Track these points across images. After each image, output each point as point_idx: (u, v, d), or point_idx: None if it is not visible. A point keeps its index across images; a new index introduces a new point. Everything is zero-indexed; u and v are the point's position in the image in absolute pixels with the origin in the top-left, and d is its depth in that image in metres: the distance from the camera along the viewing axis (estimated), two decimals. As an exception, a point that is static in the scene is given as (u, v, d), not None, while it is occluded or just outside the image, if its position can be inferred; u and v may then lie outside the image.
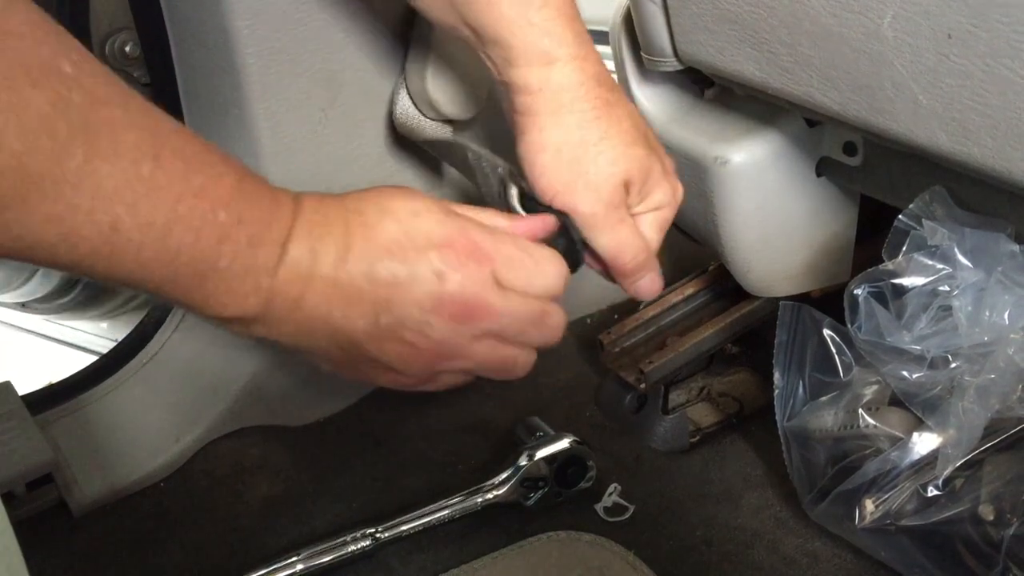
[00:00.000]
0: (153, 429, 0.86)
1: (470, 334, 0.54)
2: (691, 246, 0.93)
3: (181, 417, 0.87)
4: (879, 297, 0.70)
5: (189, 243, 0.45)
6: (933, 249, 0.66)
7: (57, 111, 0.40)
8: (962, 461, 0.69)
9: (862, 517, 0.74)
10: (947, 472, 0.69)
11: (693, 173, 0.80)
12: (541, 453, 0.81)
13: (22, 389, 0.85)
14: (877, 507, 0.73)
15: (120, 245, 0.43)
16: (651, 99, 0.84)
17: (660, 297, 0.94)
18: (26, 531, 0.55)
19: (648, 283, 0.65)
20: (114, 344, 0.91)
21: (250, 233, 0.48)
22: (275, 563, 0.75)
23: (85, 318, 1.26)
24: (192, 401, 0.87)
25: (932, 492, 0.70)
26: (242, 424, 0.91)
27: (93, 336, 1.29)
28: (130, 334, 0.90)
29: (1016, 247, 0.66)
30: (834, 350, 0.77)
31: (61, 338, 1.35)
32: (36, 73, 0.39)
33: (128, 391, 0.83)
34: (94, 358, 0.92)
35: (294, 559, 0.75)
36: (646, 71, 0.83)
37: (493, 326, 0.55)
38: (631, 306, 0.99)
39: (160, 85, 0.83)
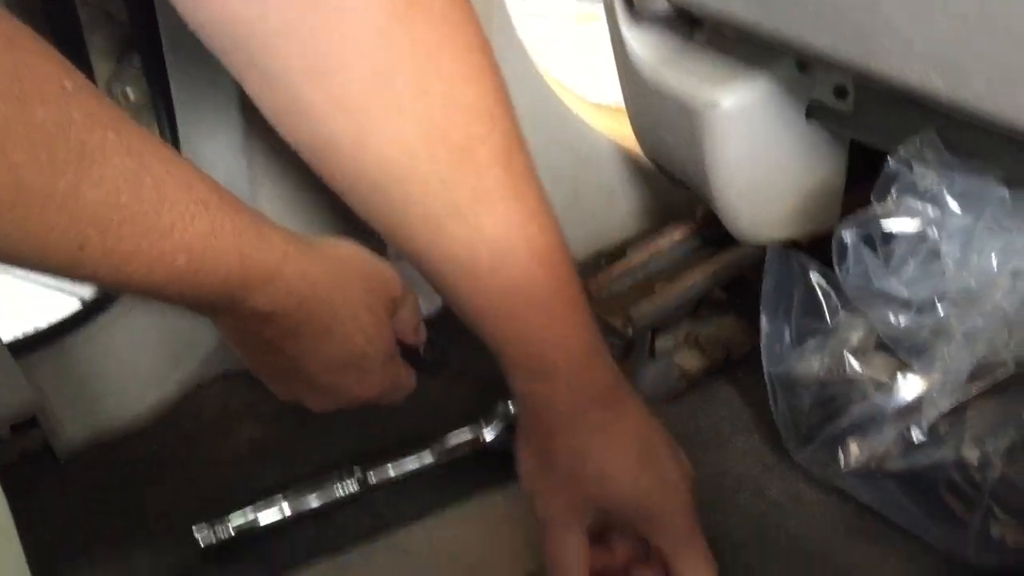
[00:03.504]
0: (138, 373, 0.85)
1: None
2: (679, 191, 0.93)
3: (166, 361, 0.87)
4: (867, 241, 0.69)
5: (141, 276, 0.45)
6: (922, 192, 0.66)
7: (59, 129, 0.40)
8: (947, 406, 0.69)
9: (847, 461, 0.75)
10: (932, 417, 0.70)
11: (682, 117, 0.79)
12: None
13: (5, 334, 0.84)
14: (862, 451, 0.74)
15: (84, 263, 0.43)
16: (640, 41, 0.83)
17: (647, 243, 0.94)
18: (10, 476, 0.55)
19: None
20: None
21: (210, 283, 0.49)
22: (262, 504, 0.75)
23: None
24: (177, 345, 0.87)
25: (916, 436, 0.71)
26: (228, 368, 0.90)
27: (77, 280, 1.28)
28: (114, 278, 0.89)
29: (1006, 192, 0.66)
30: (821, 295, 0.77)
31: (45, 281, 1.34)
32: (44, 89, 0.39)
33: (112, 334, 0.83)
34: (78, 301, 0.91)
35: (281, 500, 0.75)
36: (636, 13, 0.81)
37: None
38: (618, 252, 0.98)
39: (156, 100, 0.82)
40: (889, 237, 0.69)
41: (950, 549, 0.72)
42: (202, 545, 0.73)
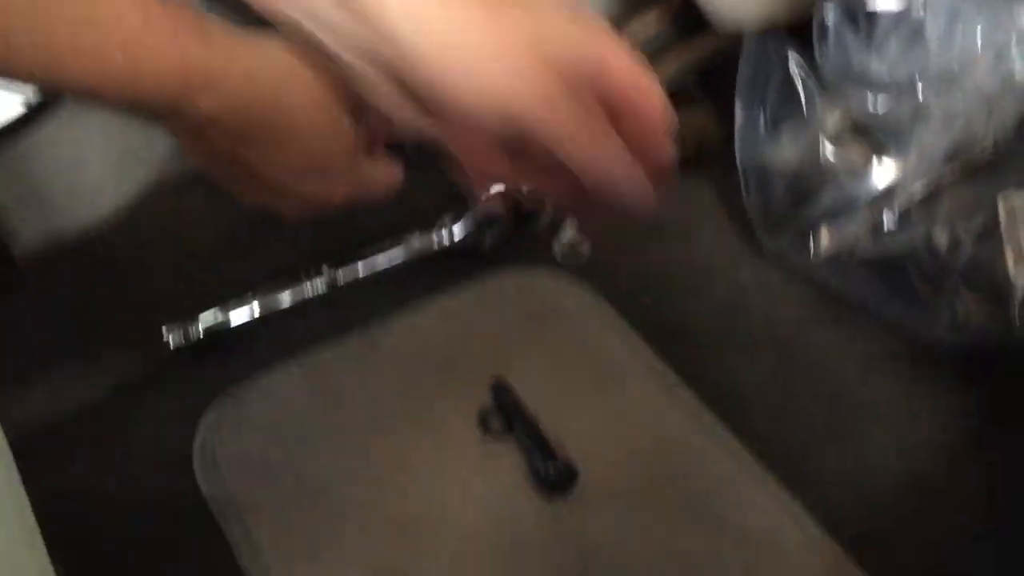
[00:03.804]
0: (93, 174, 0.83)
1: None
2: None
3: (121, 161, 0.84)
4: (850, 20, 0.67)
5: (76, 76, 0.43)
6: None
7: None
8: (921, 189, 0.68)
9: (817, 248, 0.75)
10: (905, 201, 0.69)
11: None
12: (496, 194, 0.79)
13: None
14: (833, 238, 0.73)
15: (12, 59, 0.41)
16: None
17: (621, 30, 0.90)
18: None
19: None
20: (43, 87, 0.86)
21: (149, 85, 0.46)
22: (230, 304, 0.74)
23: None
24: (131, 143, 0.84)
25: (889, 221, 0.70)
26: (187, 168, 0.87)
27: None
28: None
29: (995, -38, 0.63)
30: (798, 79, 0.74)
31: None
32: None
33: (63, 135, 0.80)
34: (21, 104, 0.86)
35: (250, 299, 0.74)
36: None
37: None
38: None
39: None
40: (872, 15, 0.66)
41: (917, 330, 0.73)
42: (172, 346, 0.72)
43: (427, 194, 0.86)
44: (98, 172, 0.83)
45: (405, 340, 0.74)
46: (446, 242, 0.79)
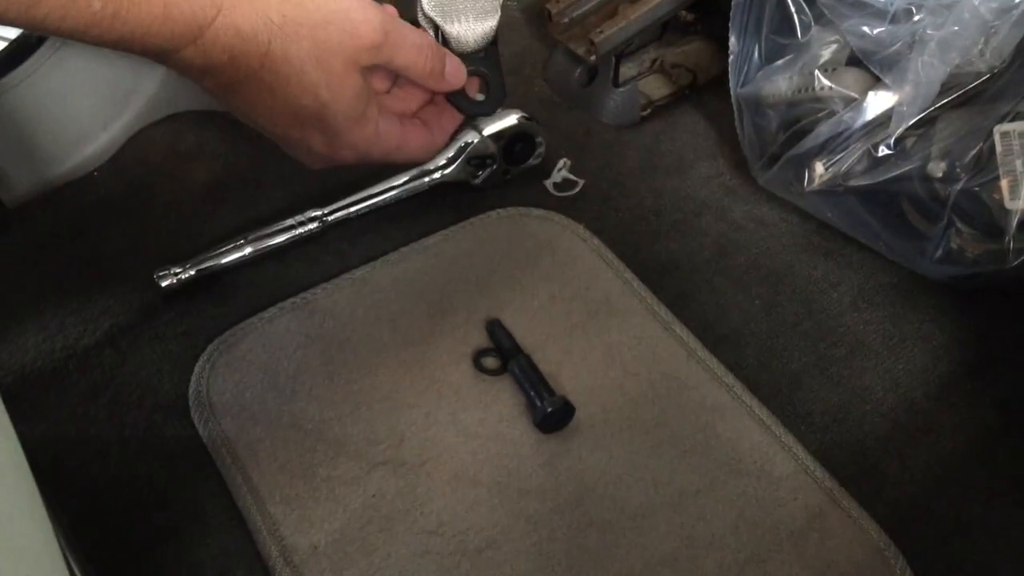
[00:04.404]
0: (79, 116, 0.81)
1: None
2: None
3: (108, 102, 0.82)
4: (844, -55, 0.65)
5: (55, 21, 0.45)
6: None
7: None
8: (916, 119, 0.67)
9: (811, 180, 0.74)
10: (900, 130, 0.68)
11: None
12: (488, 130, 0.79)
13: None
14: (827, 169, 0.73)
15: None
16: None
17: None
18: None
19: None
20: (24, 27, 0.84)
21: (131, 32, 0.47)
22: (223, 246, 0.74)
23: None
24: (118, 85, 0.82)
25: (883, 151, 0.70)
26: (175, 110, 0.86)
27: None
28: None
29: None
30: (793, 9, 0.73)
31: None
32: None
33: (46, 76, 0.78)
34: (3, 44, 0.85)
35: (242, 242, 0.74)
36: None
37: None
38: (580, -27, 0.92)
39: None
40: (867, -61, 0.65)
41: (909, 261, 0.73)
42: (163, 288, 0.72)
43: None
44: (86, 113, 0.82)
45: (398, 280, 0.73)
46: (439, 177, 0.78)
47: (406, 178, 0.78)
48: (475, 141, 0.78)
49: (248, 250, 0.74)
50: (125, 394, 0.67)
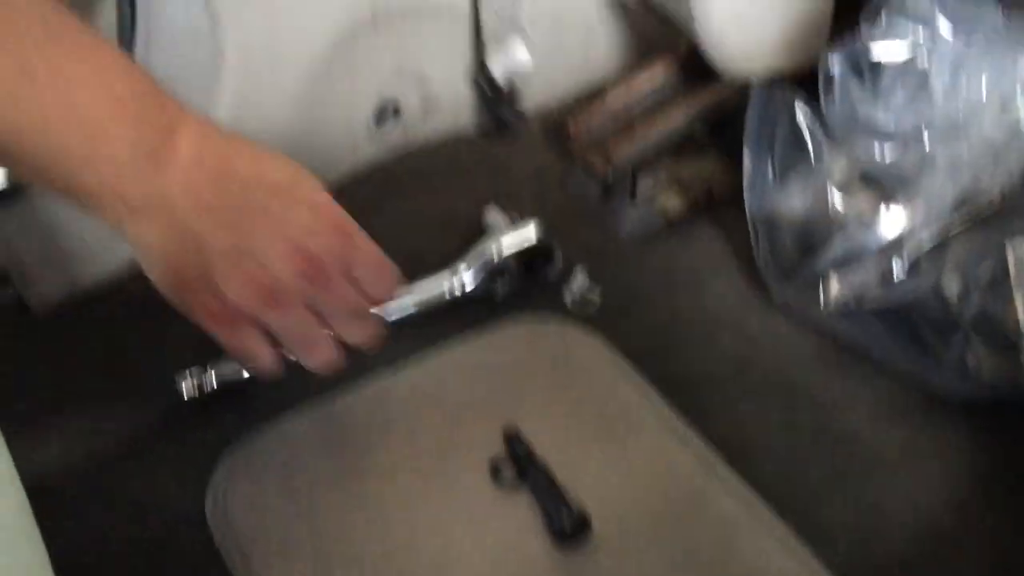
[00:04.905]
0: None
1: (304, 294, 0.57)
2: (661, 27, 0.90)
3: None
4: (855, 70, 0.68)
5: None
6: (913, 15, 0.64)
7: None
8: (929, 237, 0.69)
9: (826, 297, 0.75)
10: (914, 250, 0.70)
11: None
12: (508, 244, 0.80)
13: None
14: (842, 287, 0.74)
15: None
16: None
17: (628, 80, 0.91)
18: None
19: None
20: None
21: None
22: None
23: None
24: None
25: (897, 270, 0.71)
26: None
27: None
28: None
29: (999, 15, 0.64)
30: (805, 130, 0.75)
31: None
32: None
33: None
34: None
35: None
36: None
37: (328, 303, 0.59)
38: (598, 92, 0.96)
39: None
40: (877, 65, 0.67)
41: (926, 379, 0.73)
42: (185, 397, 0.73)
43: (437, 241, 0.87)
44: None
45: (416, 387, 0.74)
46: (458, 291, 0.80)
47: (429, 288, 0.79)
48: (494, 255, 0.79)
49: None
50: (145, 498, 0.67)
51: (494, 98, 0.94)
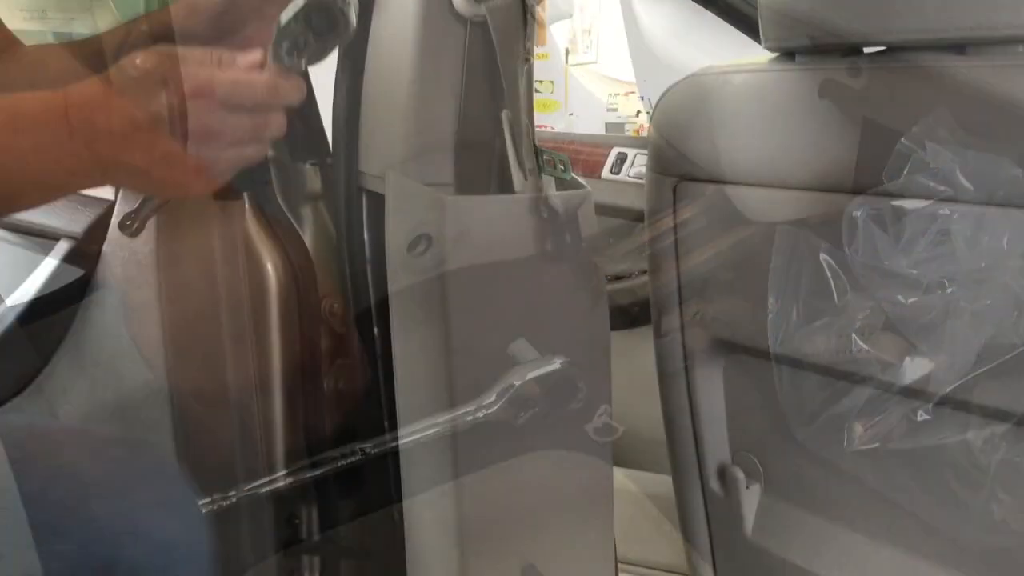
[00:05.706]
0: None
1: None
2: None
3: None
4: (878, 220, 0.69)
5: None
6: (934, 171, 0.65)
7: None
8: (954, 386, 0.69)
9: (851, 440, 0.74)
10: (938, 397, 0.69)
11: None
12: (532, 374, 0.81)
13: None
14: (866, 431, 0.73)
15: None
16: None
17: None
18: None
19: None
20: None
21: None
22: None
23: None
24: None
25: (922, 417, 0.70)
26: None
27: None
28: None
29: (1020, 171, 0.65)
30: (829, 275, 0.76)
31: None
32: None
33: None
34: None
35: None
36: None
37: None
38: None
39: None
40: (901, 216, 0.69)
41: (952, 529, 0.72)
42: None
43: (464, 372, 0.88)
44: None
45: (439, 518, 0.74)
46: (481, 416, 0.80)
47: (448, 415, 0.79)
48: (519, 383, 0.80)
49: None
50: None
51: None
